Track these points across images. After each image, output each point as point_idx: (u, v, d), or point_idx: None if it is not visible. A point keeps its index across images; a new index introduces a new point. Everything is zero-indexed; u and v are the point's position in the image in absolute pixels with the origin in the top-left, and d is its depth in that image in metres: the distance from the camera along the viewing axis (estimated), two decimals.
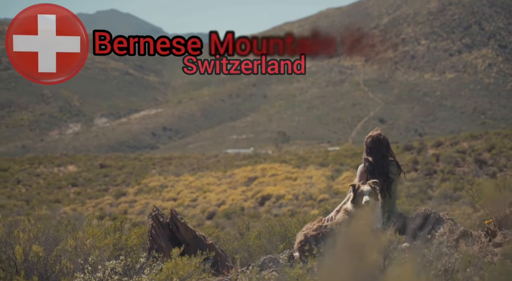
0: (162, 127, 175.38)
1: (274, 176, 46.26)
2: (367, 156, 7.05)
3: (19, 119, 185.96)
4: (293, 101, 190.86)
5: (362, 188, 6.32)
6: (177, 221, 5.81)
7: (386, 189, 6.78)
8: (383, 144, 7.13)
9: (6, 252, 4.30)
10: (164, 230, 5.69)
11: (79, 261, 4.27)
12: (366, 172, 6.88)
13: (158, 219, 5.82)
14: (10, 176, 59.35)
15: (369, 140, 7.20)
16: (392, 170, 7.02)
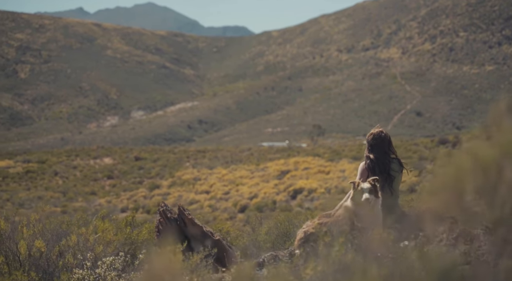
0: (198, 120, 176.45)
1: (307, 169, 46.21)
2: (368, 153, 7.01)
3: (58, 112, 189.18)
4: (328, 94, 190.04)
5: (362, 186, 6.29)
6: (184, 217, 5.89)
7: (387, 187, 6.75)
8: (384, 141, 7.08)
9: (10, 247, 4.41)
10: (171, 225, 5.78)
11: (79, 257, 4.36)
12: (367, 170, 6.85)
13: (166, 214, 5.90)
14: (48, 168, 60.40)
15: (371, 137, 7.15)
16: (393, 167, 6.97)
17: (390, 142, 7.15)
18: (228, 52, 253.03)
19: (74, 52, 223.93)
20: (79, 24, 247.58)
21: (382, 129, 7.22)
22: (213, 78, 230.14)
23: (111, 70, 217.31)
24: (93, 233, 5.71)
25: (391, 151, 7.13)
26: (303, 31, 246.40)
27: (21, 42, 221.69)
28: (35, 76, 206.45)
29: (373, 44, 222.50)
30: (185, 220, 5.83)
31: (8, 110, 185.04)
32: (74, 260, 4.47)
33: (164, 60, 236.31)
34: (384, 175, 6.86)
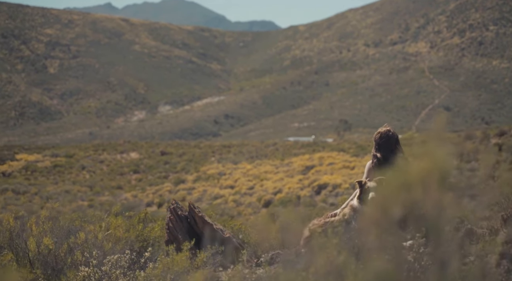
0: (224, 115, 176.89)
1: (332, 165, 46.01)
2: (375, 152, 7.00)
3: (87, 106, 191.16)
4: (355, 89, 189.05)
5: (369, 185, 6.29)
6: (194, 215, 5.94)
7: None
8: (391, 140, 7.06)
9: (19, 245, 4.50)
10: (182, 223, 5.83)
11: (85, 255, 4.43)
12: (374, 169, 6.84)
13: (177, 212, 5.95)
14: (75, 162, 61.12)
15: (378, 136, 7.12)
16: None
17: (397, 141, 7.14)
18: (254, 46, 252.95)
19: (102, 47, 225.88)
20: (107, 20, 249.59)
21: (390, 128, 7.20)
22: (240, 73, 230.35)
23: (139, 65, 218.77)
24: (104, 230, 5.79)
25: (399, 150, 7.11)
26: (330, 26, 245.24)
27: (50, 38, 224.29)
28: (64, 71, 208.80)
29: (401, 38, 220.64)
30: (195, 217, 5.89)
31: (38, 105, 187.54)
32: (83, 257, 4.54)
33: (191, 55, 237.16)
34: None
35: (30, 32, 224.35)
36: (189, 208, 5.98)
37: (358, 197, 6.32)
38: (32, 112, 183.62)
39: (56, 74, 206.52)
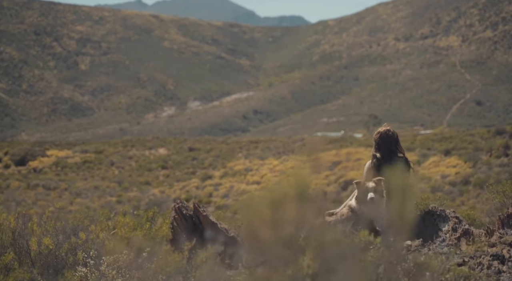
0: (253, 110, 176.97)
1: (359, 160, 45.78)
2: (375, 152, 6.96)
3: (117, 102, 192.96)
4: (385, 84, 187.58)
5: (367, 185, 6.27)
6: (199, 214, 5.98)
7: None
8: (391, 140, 7.01)
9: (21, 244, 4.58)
10: (187, 222, 5.87)
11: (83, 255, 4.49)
12: (373, 169, 6.81)
13: (181, 211, 6.00)
14: (104, 159, 61.79)
15: (377, 136, 7.08)
16: (400, 166, 6.91)
17: (397, 141, 7.09)
18: (284, 42, 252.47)
19: (133, 44, 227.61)
20: (137, 16, 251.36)
21: (389, 127, 7.16)
22: (269, 68, 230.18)
23: (168, 61, 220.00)
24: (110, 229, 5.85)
25: (399, 150, 7.06)
26: (359, 20, 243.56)
27: (81, 34, 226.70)
28: (95, 68, 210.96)
29: (432, 32, 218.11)
30: (200, 217, 5.93)
31: (69, 101, 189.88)
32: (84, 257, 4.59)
33: (220, 51, 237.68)
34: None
35: (61, 29, 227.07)
36: (194, 208, 6.03)
37: (356, 197, 6.31)
38: (63, 109, 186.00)
39: (87, 71, 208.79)
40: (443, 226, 6.01)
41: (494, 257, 5.03)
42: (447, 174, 39.30)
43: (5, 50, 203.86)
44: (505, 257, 5.00)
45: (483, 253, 5.11)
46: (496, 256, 5.03)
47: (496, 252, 5.05)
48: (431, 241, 5.94)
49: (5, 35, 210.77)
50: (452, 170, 40.10)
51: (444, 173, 39.71)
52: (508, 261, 4.97)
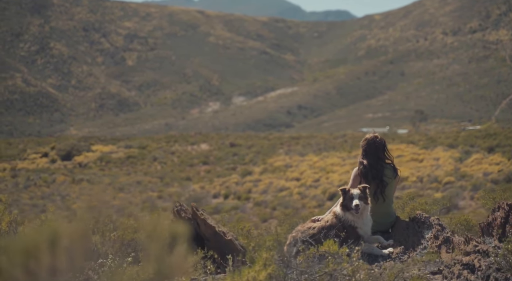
0: (297, 106, 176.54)
1: (400, 157, 45.28)
2: (362, 159, 6.93)
3: (163, 98, 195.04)
4: (432, 79, 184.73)
5: (352, 192, 6.26)
6: (197, 217, 6.06)
7: (379, 193, 6.64)
8: (379, 147, 6.97)
9: None
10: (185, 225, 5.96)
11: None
12: (360, 176, 6.78)
13: (180, 214, 6.09)
14: (147, 154, 62.57)
15: (364, 143, 7.05)
16: (387, 173, 6.86)
17: (384, 148, 7.04)
18: (329, 36, 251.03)
19: (179, 39, 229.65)
20: (184, 12, 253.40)
21: (377, 134, 7.12)
22: (314, 63, 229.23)
23: (213, 57, 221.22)
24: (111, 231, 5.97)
25: (386, 157, 7.02)
26: (406, 14, 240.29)
27: (129, 30, 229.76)
28: (142, 63, 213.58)
29: (481, 26, 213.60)
30: (198, 220, 6.01)
31: (116, 96, 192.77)
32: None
33: (265, 46, 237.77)
34: (376, 182, 6.77)
35: (109, 25, 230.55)
36: (192, 211, 6.11)
37: (341, 204, 6.31)
38: (111, 104, 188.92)
39: (134, 66, 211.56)
40: (426, 234, 5.97)
41: (465, 266, 5.00)
42: (489, 171, 38.56)
43: (55, 46, 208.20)
44: (475, 267, 4.96)
45: (457, 261, 5.08)
46: (467, 265, 5.00)
47: (468, 261, 5.01)
48: (412, 249, 5.91)
49: (55, 32, 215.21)
50: (495, 167, 39.32)
51: (487, 170, 38.98)
52: (478, 270, 4.93)
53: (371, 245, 6.13)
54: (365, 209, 6.26)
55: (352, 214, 6.16)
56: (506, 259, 4.63)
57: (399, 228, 6.39)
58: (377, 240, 6.26)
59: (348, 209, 6.19)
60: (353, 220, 6.15)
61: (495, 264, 4.79)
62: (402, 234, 6.23)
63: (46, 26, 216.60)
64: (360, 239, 6.03)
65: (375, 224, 6.41)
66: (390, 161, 7.05)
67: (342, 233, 5.86)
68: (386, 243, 6.22)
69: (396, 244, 6.12)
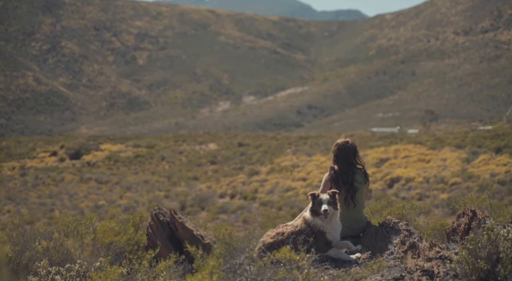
0: (307, 105, 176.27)
1: (407, 158, 45.14)
2: (333, 164, 6.91)
3: (173, 97, 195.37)
4: (443, 78, 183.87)
5: (321, 197, 6.25)
6: (175, 221, 6.05)
7: (350, 198, 6.61)
8: (349, 152, 6.94)
9: None
10: (163, 229, 5.95)
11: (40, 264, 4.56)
12: (330, 181, 6.75)
13: (158, 218, 6.08)
14: (155, 153, 62.69)
15: (335, 148, 7.03)
16: (357, 178, 6.82)
17: (355, 153, 7.02)
18: (340, 36, 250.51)
19: (189, 39, 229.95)
20: (194, 11, 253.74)
21: (348, 139, 7.10)
22: (324, 63, 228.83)
23: (224, 56, 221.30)
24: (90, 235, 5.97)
25: (357, 162, 6.99)
26: (418, 14, 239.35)
27: (139, 30, 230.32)
28: (152, 62, 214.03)
29: (493, 25, 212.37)
30: (176, 223, 6.00)
31: (127, 95, 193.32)
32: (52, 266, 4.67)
33: (275, 46, 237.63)
34: (347, 187, 6.74)
35: (120, 24, 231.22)
36: (170, 214, 6.10)
37: (311, 209, 6.30)
38: (121, 103, 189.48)
39: (144, 65, 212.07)
40: (395, 239, 5.94)
41: (425, 272, 4.97)
42: (496, 172, 38.33)
43: (66, 45, 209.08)
44: (434, 273, 4.93)
45: (419, 267, 5.05)
46: (427, 272, 4.97)
47: (429, 268, 4.99)
48: (379, 254, 5.88)
49: (67, 31, 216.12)
50: (503, 168, 39.08)
51: (494, 171, 38.75)
52: (436, 277, 4.90)
53: (339, 250, 6.12)
54: (334, 214, 6.25)
55: (321, 219, 6.16)
56: (462, 265, 4.61)
57: (369, 233, 6.37)
58: (346, 245, 6.25)
59: (317, 214, 6.18)
60: (322, 225, 6.14)
61: (452, 271, 4.76)
62: (371, 239, 6.21)
63: (58, 25, 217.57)
64: (329, 244, 6.03)
65: (346, 229, 6.40)
66: (361, 166, 7.02)
67: (311, 238, 5.85)
68: (354, 248, 6.20)
69: (364, 249, 6.10)
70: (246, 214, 36.20)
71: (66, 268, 4.43)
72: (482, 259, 4.50)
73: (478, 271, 4.47)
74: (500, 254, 4.46)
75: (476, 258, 4.48)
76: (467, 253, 4.52)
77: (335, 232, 6.18)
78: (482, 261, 4.49)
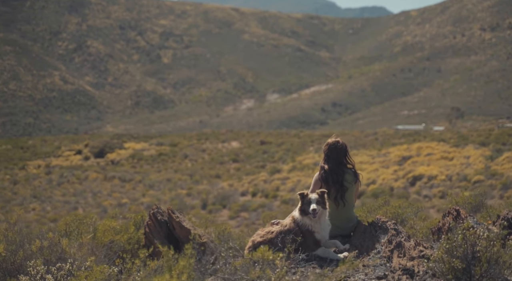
0: (332, 103, 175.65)
1: (429, 155, 44.76)
2: (323, 163, 6.89)
3: (198, 95, 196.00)
4: (469, 75, 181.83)
5: (310, 196, 6.26)
6: (172, 220, 6.10)
7: (340, 198, 6.59)
8: (340, 151, 6.91)
9: None
10: (161, 228, 5.99)
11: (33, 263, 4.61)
12: (320, 180, 6.74)
13: (156, 217, 6.13)
14: (178, 151, 63.01)
15: (326, 147, 7.00)
16: (347, 178, 6.80)
17: (346, 152, 6.99)
18: (364, 33, 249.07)
19: (213, 37, 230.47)
20: (219, 10, 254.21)
21: (338, 139, 7.07)
22: (349, 61, 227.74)
23: (248, 54, 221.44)
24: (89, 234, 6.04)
25: (348, 162, 6.97)
26: (444, 10, 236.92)
27: (164, 28, 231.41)
28: (177, 61, 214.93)
29: None
30: (173, 222, 6.05)
31: (152, 93, 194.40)
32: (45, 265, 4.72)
33: (299, 43, 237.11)
34: (336, 186, 6.73)
35: (145, 23, 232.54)
36: (168, 214, 6.15)
37: (299, 208, 6.31)
38: (146, 101, 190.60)
39: (169, 64, 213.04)
40: (382, 238, 5.93)
41: (405, 271, 4.96)
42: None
43: (92, 45, 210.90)
44: (414, 272, 4.92)
45: (402, 267, 5.04)
46: (407, 271, 4.96)
47: (410, 267, 4.97)
48: (366, 253, 5.86)
49: (92, 30, 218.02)
50: None
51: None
52: (416, 275, 4.89)
53: (327, 250, 6.13)
54: (323, 214, 6.27)
55: (310, 219, 6.17)
56: (438, 264, 4.60)
57: (357, 232, 6.37)
58: (334, 245, 6.26)
59: (306, 214, 6.20)
60: (311, 224, 6.16)
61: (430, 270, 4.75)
62: (359, 239, 6.21)
63: (84, 25, 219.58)
64: (317, 244, 6.05)
65: (336, 229, 6.41)
66: (351, 165, 7.01)
67: (299, 238, 5.88)
68: (342, 248, 6.22)
69: (352, 248, 6.10)
70: (267, 212, 36.22)
71: (57, 267, 4.48)
72: (457, 258, 4.51)
73: (454, 270, 4.49)
74: (478, 253, 4.46)
75: (452, 257, 4.50)
76: (443, 252, 4.53)
77: (324, 231, 6.20)
78: (457, 260, 4.50)
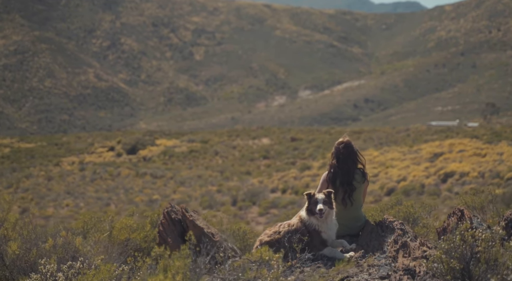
0: (364, 99, 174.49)
1: (462, 152, 44.21)
2: (332, 163, 6.86)
3: (230, 92, 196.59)
4: (505, 70, 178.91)
5: (317, 196, 6.26)
6: (185, 219, 6.16)
7: (347, 197, 6.56)
8: (350, 152, 6.89)
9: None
10: (175, 226, 6.06)
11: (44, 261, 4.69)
12: (327, 181, 6.72)
13: (170, 215, 6.20)
14: (209, 148, 63.28)
15: (336, 147, 6.98)
16: (356, 178, 6.77)
17: (356, 153, 6.96)
18: (397, 29, 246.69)
19: (245, 34, 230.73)
20: (251, 6, 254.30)
21: (348, 139, 7.06)
22: (381, 56, 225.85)
23: (280, 51, 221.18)
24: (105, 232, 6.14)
25: (358, 161, 6.94)
26: (479, 4, 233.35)
27: (196, 25, 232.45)
28: (209, 58, 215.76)
29: None
30: (187, 221, 6.11)
31: (184, 90, 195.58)
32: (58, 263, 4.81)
33: (331, 39, 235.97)
34: (344, 186, 6.71)
35: (178, 20, 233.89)
36: (182, 212, 6.22)
37: (306, 208, 6.32)
38: (179, 98, 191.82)
39: (201, 61, 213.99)
40: (389, 238, 5.91)
41: (407, 271, 4.95)
42: None
43: (126, 42, 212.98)
44: (416, 272, 4.90)
45: (405, 267, 5.03)
46: (409, 271, 4.95)
47: (412, 267, 4.96)
48: (372, 253, 5.85)
49: (126, 28, 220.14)
50: None
51: None
52: (417, 276, 4.87)
53: (334, 249, 6.14)
54: (330, 214, 6.28)
55: (317, 219, 6.19)
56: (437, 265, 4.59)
57: (364, 232, 6.37)
58: (341, 244, 6.27)
59: (313, 214, 6.22)
60: (318, 224, 6.18)
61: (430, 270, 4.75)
62: (366, 238, 6.20)
63: (117, 22, 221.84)
64: (324, 243, 6.07)
65: (344, 228, 6.41)
66: (361, 165, 6.99)
67: (306, 237, 5.92)
68: (349, 247, 6.22)
69: (358, 248, 6.09)
70: (297, 209, 36.21)
71: (67, 265, 4.57)
72: (455, 258, 4.51)
73: (453, 271, 4.49)
74: (478, 254, 4.45)
75: (450, 258, 4.50)
76: (442, 253, 4.54)
77: (331, 231, 6.22)
78: (455, 260, 4.50)
